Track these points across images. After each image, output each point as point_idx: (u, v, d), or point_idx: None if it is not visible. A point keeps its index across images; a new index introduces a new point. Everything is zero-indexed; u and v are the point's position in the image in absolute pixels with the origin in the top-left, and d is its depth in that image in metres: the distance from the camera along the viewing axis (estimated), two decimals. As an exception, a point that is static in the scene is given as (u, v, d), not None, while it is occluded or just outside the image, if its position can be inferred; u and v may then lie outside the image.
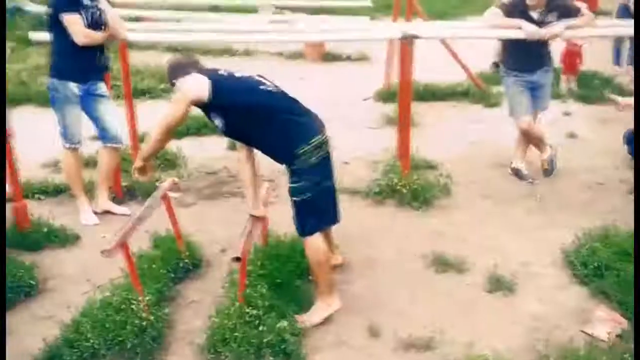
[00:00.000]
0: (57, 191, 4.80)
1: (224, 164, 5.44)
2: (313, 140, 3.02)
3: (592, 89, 7.34)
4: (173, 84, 3.22)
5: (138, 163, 3.28)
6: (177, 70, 3.22)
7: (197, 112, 3.25)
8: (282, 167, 3.21)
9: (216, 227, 4.27)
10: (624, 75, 8.04)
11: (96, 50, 4.22)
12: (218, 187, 5.02)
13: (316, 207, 3.12)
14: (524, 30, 4.38)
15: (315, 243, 3.16)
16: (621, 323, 3.13)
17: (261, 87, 3.12)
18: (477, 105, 7.15)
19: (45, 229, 4.05)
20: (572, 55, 7.38)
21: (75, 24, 4.02)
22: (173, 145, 5.61)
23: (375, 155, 5.46)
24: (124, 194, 4.73)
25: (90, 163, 4.98)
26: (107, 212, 4.49)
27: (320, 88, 7.69)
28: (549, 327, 3.17)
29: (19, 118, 4.37)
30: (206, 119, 3.31)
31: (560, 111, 6.77)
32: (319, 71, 8.91)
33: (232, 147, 5.76)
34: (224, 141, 5.89)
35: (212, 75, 3.11)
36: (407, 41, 4.36)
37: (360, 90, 7.56)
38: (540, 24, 4.44)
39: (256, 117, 3.04)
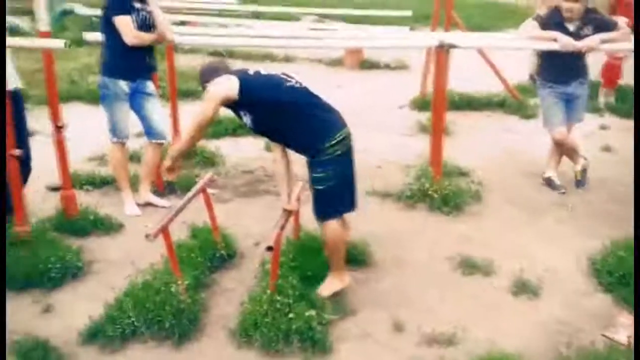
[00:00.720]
0: (103, 183, 5.05)
1: (259, 163, 5.63)
2: (338, 135, 3.20)
3: (630, 103, 7.31)
4: (204, 87, 3.40)
5: (167, 162, 3.43)
6: (208, 73, 3.42)
7: (232, 113, 3.45)
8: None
9: (251, 222, 4.44)
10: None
11: (145, 51, 4.46)
12: (254, 185, 5.20)
13: (336, 195, 3.30)
14: (559, 42, 4.46)
15: (332, 228, 3.34)
16: (643, 330, 3.18)
17: (287, 84, 3.32)
18: (513, 116, 7.23)
19: (92, 217, 4.29)
20: (613, 69, 7.37)
21: (126, 25, 4.26)
22: (211, 145, 5.87)
23: (407, 160, 5.57)
24: (164, 188, 4.95)
25: (134, 158, 5.24)
26: (149, 204, 4.71)
27: (358, 95, 7.87)
28: (571, 330, 3.23)
29: (68, 114, 4.63)
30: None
31: (597, 124, 6.80)
32: (357, 78, 9.08)
33: (268, 148, 5.95)
34: (260, 142, 6.10)
35: (240, 74, 3.31)
36: (444, 50, 4.47)
37: (396, 98, 7.70)
38: (576, 36, 4.51)
39: (282, 112, 3.23)
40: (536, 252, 4.07)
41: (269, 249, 3.05)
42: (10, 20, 8.50)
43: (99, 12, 4.95)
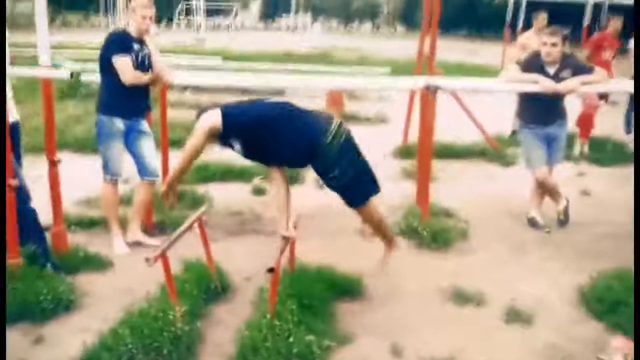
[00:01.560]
0: (91, 224, 5.02)
1: (248, 205, 5.67)
2: (330, 129, 3.35)
3: (604, 152, 7.58)
4: None
5: (164, 188, 3.66)
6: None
7: (220, 158, 3.59)
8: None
9: (241, 260, 4.44)
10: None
11: (141, 91, 4.57)
12: (243, 225, 5.23)
13: (359, 182, 3.50)
14: (540, 84, 4.68)
15: (366, 209, 3.62)
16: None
17: (267, 101, 3.56)
18: (493, 163, 7.41)
19: (82, 254, 4.26)
20: (588, 119, 7.66)
21: (125, 65, 4.37)
22: (200, 189, 5.92)
23: (393, 202, 5.66)
24: (154, 228, 4.95)
25: (123, 201, 5.24)
26: (138, 243, 4.70)
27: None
28: (566, 355, 3.27)
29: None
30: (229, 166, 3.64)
31: (574, 171, 7.01)
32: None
33: (257, 192, 6.07)
34: (248, 187, 6.19)
35: (223, 106, 3.54)
36: (430, 92, 4.66)
37: (379, 149, 7.85)
38: (555, 79, 4.74)
39: (268, 128, 3.41)
40: (525, 285, 4.13)
41: (270, 270, 3.07)
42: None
43: (86, 66, 5.12)
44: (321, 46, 22.39)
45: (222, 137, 3.50)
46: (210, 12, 40.59)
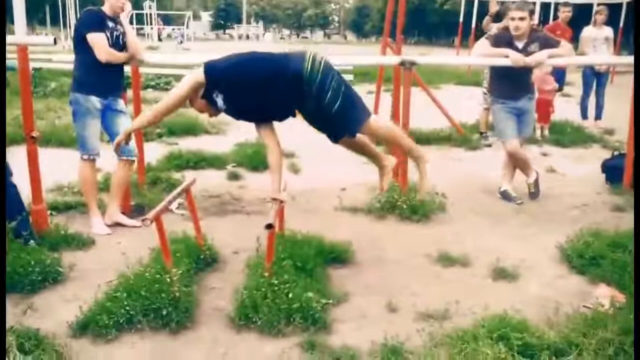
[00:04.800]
0: (67, 207, 4.92)
1: (225, 189, 5.65)
2: (306, 58, 3.33)
3: (564, 135, 7.87)
4: None
5: (121, 136, 3.69)
6: None
7: (194, 146, 3.57)
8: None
9: (226, 236, 4.41)
10: (593, 128, 8.71)
11: (117, 69, 4.51)
12: (223, 207, 5.21)
13: (353, 105, 3.43)
14: (510, 57, 4.84)
15: (372, 128, 3.51)
16: (621, 299, 3.36)
17: (247, 54, 3.54)
18: (459, 148, 7.60)
19: (63, 232, 4.17)
20: (545, 104, 7.95)
21: (99, 43, 4.32)
22: (177, 174, 5.88)
23: (372, 182, 5.73)
24: (132, 211, 4.88)
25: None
26: (118, 224, 4.62)
27: (313, 131, 8.06)
28: (554, 304, 3.37)
29: (19, 156, 4.61)
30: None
31: (538, 152, 7.25)
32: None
33: (232, 177, 6.06)
34: (223, 173, 6.17)
35: (207, 61, 3.54)
36: (406, 67, 4.76)
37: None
38: (524, 52, 4.91)
39: (247, 74, 3.39)
40: (507, 247, 4.25)
41: (269, 226, 3.08)
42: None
43: (38, 65, 4.96)
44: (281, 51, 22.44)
45: (206, 93, 3.47)
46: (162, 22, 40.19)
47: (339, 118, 3.41)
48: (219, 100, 3.45)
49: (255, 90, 3.38)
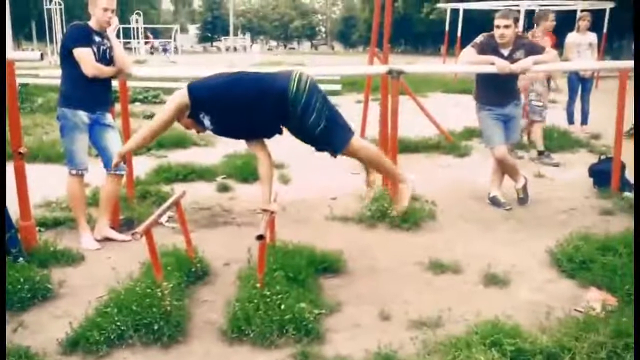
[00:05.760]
0: (56, 223, 4.89)
1: (215, 202, 5.64)
2: (292, 78, 3.36)
3: (551, 140, 7.92)
4: None
5: (116, 158, 3.80)
6: None
7: (183, 159, 3.59)
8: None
9: (217, 248, 4.40)
10: (579, 133, 8.80)
11: (104, 83, 4.50)
12: (213, 219, 5.19)
13: (337, 125, 3.49)
14: (496, 65, 4.88)
15: (354, 148, 3.56)
16: (612, 302, 3.38)
17: (225, 72, 3.60)
18: (448, 155, 7.63)
19: (52, 248, 4.14)
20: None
21: (86, 57, 4.30)
22: (167, 187, 5.86)
23: (361, 191, 5.74)
24: (121, 225, 4.85)
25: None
26: (107, 238, 4.60)
27: (302, 144, 8.07)
28: (545, 309, 3.39)
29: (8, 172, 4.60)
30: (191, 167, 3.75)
31: (526, 157, 7.30)
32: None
33: (221, 189, 6.04)
34: (212, 185, 6.16)
35: (190, 82, 3.57)
36: (394, 76, 4.79)
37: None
38: (509, 59, 4.95)
39: (232, 95, 3.41)
40: (497, 253, 4.27)
41: (260, 237, 3.07)
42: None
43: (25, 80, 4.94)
44: (269, 61, 22.55)
45: (192, 113, 3.49)
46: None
47: (323, 138, 3.47)
48: (206, 121, 3.48)
49: (241, 111, 3.41)
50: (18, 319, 3.25)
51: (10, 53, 3.72)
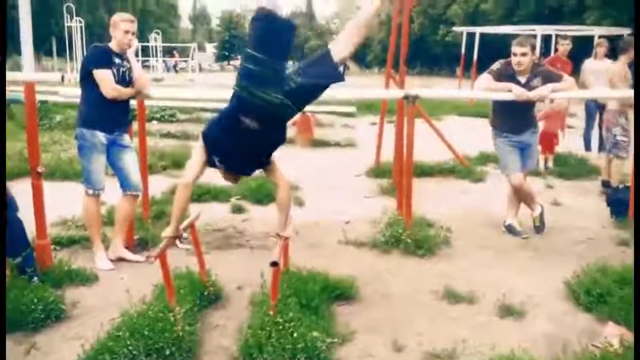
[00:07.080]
0: (71, 242, 4.91)
1: (230, 223, 5.64)
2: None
3: (569, 166, 7.86)
4: None
5: (168, 232, 3.36)
6: None
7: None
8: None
9: (230, 271, 4.39)
10: (597, 159, 8.71)
11: (123, 104, 4.54)
12: (227, 240, 5.19)
13: None
14: (514, 92, 4.85)
15: None
16: (630, 338, 3.31)
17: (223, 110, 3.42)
18: (464, 180, 7.59)
19: (66, 268, 4.15)
20: (549, 136, 7.96)
21: (106, 79, 4.36)
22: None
23: (375, 215, 5.73)
24: (135, 245, 4.86)
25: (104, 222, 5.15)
26: (121, 259, 4.61)
27: (315, 166, 8.08)
28: (562, 342, 3.33)
29: (22, 189, 4.59)
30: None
31: (542, 184, 7.24)
32: (310, 155, 9.33)
33: (235, 210, 6.04)
34: (226, 206, 6.17)
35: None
36: (410, 101, 4.78)
37: (351, 170, 7.98)
38: (527, 87, 4.92)
39: (228, 131, 3.27)
40: (513, 282, 4.22)
41: (274, 264, 3.06)
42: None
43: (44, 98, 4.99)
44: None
45: (208, 160, 3.39)
46: (166, 54, 40.77)
47: None
48: (216, 161, 3.36)
49: (235, 140, 3.27)
50: (31, 340, 3.25)
51: (32, 75, 3.76)
